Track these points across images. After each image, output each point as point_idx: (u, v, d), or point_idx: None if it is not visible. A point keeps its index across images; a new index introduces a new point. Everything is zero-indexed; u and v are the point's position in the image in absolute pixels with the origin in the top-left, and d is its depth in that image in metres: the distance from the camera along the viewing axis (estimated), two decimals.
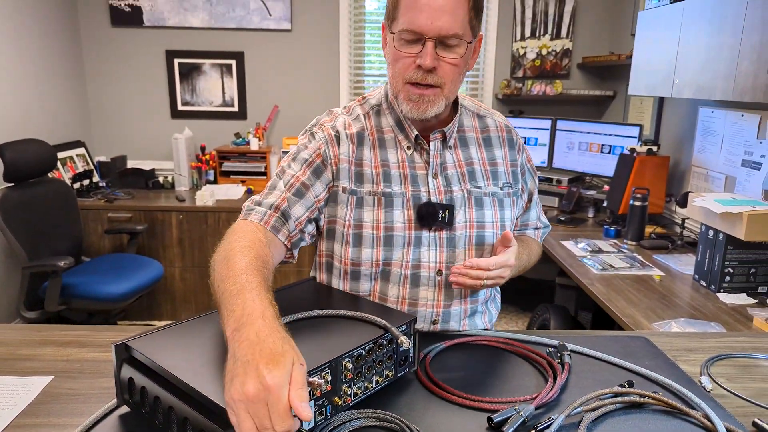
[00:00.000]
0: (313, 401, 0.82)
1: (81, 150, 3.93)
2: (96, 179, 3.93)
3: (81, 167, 3.86)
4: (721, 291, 2.14)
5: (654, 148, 3.07)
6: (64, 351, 1.13)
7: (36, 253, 2.91)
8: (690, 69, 2.45)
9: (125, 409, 0.91)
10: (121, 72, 4.13)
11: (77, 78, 4.03)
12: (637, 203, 2.80)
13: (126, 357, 0.89)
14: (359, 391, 0.91)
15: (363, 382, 0.91)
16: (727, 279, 2.13)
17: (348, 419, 0.87)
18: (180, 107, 4.19)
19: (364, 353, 0.90)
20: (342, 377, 0.87)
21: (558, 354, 1.10)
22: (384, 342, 0.94)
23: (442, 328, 1.27)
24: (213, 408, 0.73)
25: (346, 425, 0.86)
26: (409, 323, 0.99)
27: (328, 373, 0.84)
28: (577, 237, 2.92)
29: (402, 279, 1.24)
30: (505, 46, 4.13)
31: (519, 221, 1.43)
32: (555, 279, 3.56)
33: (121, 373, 0.88)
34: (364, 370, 0.90)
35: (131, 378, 0.86)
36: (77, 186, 3.70)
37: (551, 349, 1.13)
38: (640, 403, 0.95)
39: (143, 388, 0.84)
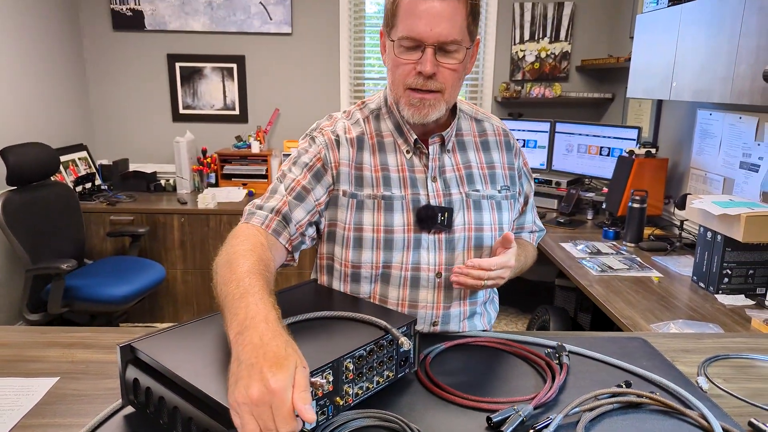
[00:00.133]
0: (315, 401, 0.83)
1: (83, 153, 3.95)
2: (98, 182, 3.95)
3: (83, 170, 3.87)
4: (720, 292, 2.15)
5: (653, 150, 3.09)
6: (69, 353, 1.14)
7: (39, 256, 2.92)
8: (688, 72, 2.47)
9: (130, 410, 0.93)
10: (123, 76, 4.15)
11: (79, 81, 4.05)
12: (636, 205, 2.81)
13: (131, 358, 0.90)
14: (360, 392, 0.92)
15: (364, 382, 0.92)
16: (726, 280, 2.14)
17: (349, 419, 0.89)
18: (181, 110, 4.21)
19: (365, 354, 0.91)
20: (343, 377, 0.88)
21: (556, 355, 1.11)
22: (385, 343, 0.95)
23: (442, 329, 1.28)
24: (217, 408, 0.74)
25: (347, 425, 0.88)
26: (410, 324, 1.00)
27: (329, 374, 0.85)
28: (576, 239, 2.93)
29: (402, 281, 1.25)
30: (505, 49, 4.15)
31: (515, 224, 1.44)
32: (554, 281, 3.58)
33: (127, 374, 0.90)
34: (365, 370, 0.92)
35: (136, 379, 0.88)
36: (79, 189, 3.72)
37: (550, 350, 1.14)
38: (637, 403, 0.96)
39: (148, 388, 0.86)
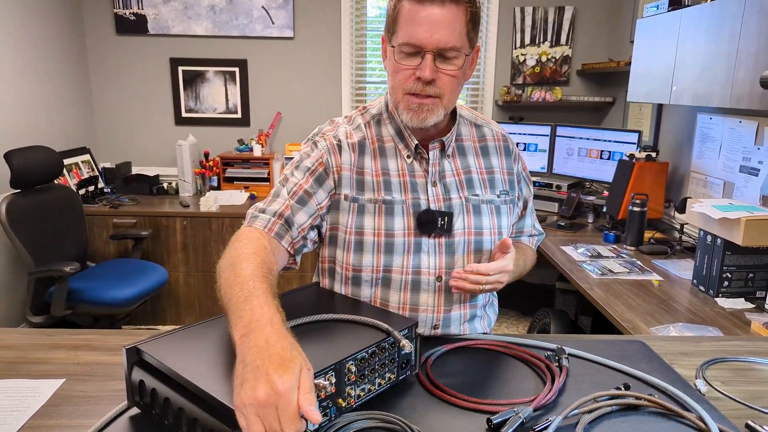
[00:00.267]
0: (318, 403, 0.84)
1: (86, 156, 3.97)
2: (101, 185, 3.97)
3: (86, 173, 3.89)
4: (720, 296, 2.16)
5: (653, 154, 3.09)
6: (74, 355, 1.16)
7: (42, 259, 2.94)
8: (688, 76, 2.48)
9: (136, 411, 0.94)
10: (126, 79, 4.17)
11: (83, 85, 4.08)
12: (636, 209, 2.82)
13: (137, 360, 0.91)
14: (362, 393, 0.93)
15: (366, 384, 0.94)
16: (726, 284, 2.15)
17: (352, 420, 0.90)
18: (184, 114, 4.23)
19: (367, 356, 0.93)
20: (346, 379, 0.89)
21: (556, 357, 1.12)
22: (386, 345, 0.96)
23: (442, 332, 1.30)
24: (222, 409, 0.75)
25: (349, 426, 0.89)
26: (411, 327, 1.02)
27: (332, 376, 0.86)
28: (577, 242, 2.94)
29: (403, 285, 1.26)
30: (505, 53, 4.17)
31: (514, 228, 1.46)
32: (555, 284, 3.59)
33: (132, 376, 0.91)
34: (367, 372, 0.93)
35: (142, 380, 0.89)
36: (83, 192, 3.74)
37: (549, 353, 1.15)
38: (635, 406, 0.97)
39: (154, 390, 0.87)
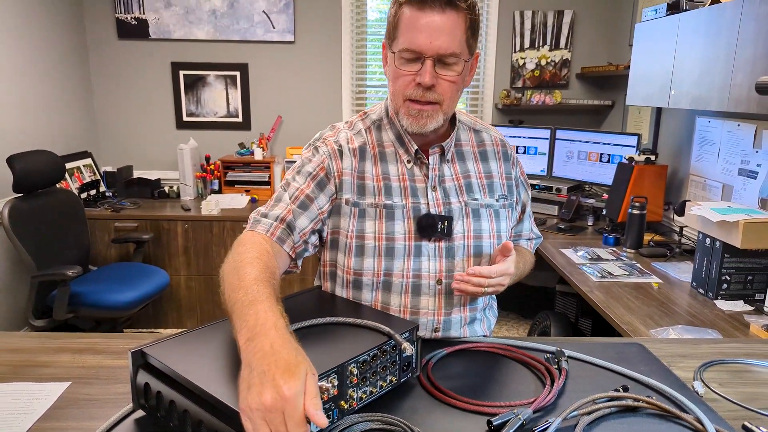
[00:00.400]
0: (321, 405, 0.86)
1: (88, 160, 3.98)
2: (102, 189, 3.98)
3: (88, 177, 3.91)
4: (719, 298, 2.17)
5: (652, 157, 3.11)
6: (79, 358, 1.17)
7: (44, 263, 2.95)
8: (686, 80, 2.49)
9: (141, 413, 0.95)
10: (128, 83, 4.19)
11: (84, 89, 4.10)
12: (636, 211, 2.84)
13: (142, 363, 0.93)
14: (364, 396, 0.94)
15: (368, 386, 0.95)
16: (725, 286, 2.16)
17: (354, 422, 0.91)
18: (185, 118, 4.25)
19: (369, 359, 0.94)
20: (348, 382, 0.91)
21: (555, 360, 1.13)
22: (388, 348, 0.98)
23: (443, 335, 1.31)
24: (227, 411, 0.77)
25: (352, 428, 0.90)
26: (412, 330, 1.03)
27: (334, 378, 0.88)
28: (577, 245, 2.96)
29: (403, 288, 1.28)
30: (505, 56, 4.19)
31: (513, 232, 1.47)
32: (555, 286, 3.60)
33: (138, 379, 0.92)
34: (369, 375, 0.94)
35: (147, 383, 0.90)
36: (84, 196, 3.75)
37: (549, 355, 1.16)
38: (634, 407, 0.98)
39: (159, 392, 0.88)
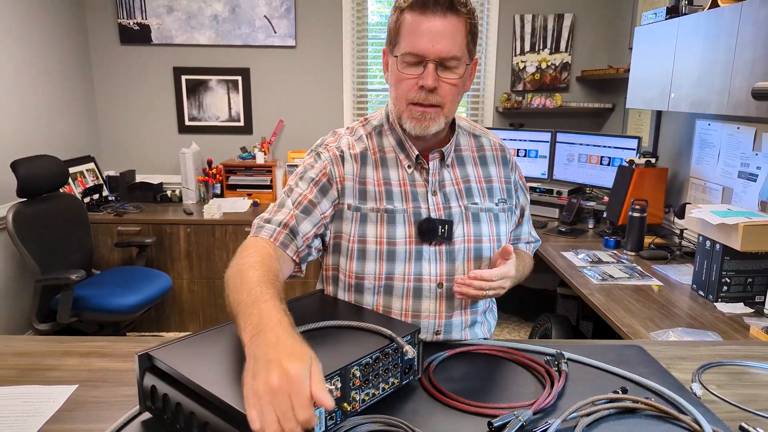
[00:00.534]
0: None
1: (91, 165, 4.01)
2: (105, 193, 4.00)
3: (91, 182, 3.93)
4: (719, 300, 2.18)
5: (652, 159, 3.12)
6: (86, 361, 1.19)
7: (48, 267, 2.97)
8: (686, 83, 2.51)
9: (147, 416, 0.97)
10: (130, 88, 4.22)
11: (87, 94, 4.12)
12: (636, 214, 2.85)
13: (148, 366, 0.94)
14: (367, 398, 0.96)
15: (370, 388, 0.96)
16: (725, 289, 2.17)
17: (357, 424, 0.92)
18: (187, 122, 4.27)
19: (371, 362, 0.95)
20: (351, 384, 0.92)
21: (555, 362, 1.15)
22: (390, 351, 0.99)
23: (444, 338, 1.32)
24: (232, 413, 0.78)
25: (355, 429, 0.92)
26: (413, 333, 1.04)
27: (338, 381, 0.89)
28: (578, 248, 2.97)
29: (405, 292, 1.29)
30: (505, 60, 4.20)
31: (512, 235, 1.49)
32: (556, 289, 3.61)
33: (144, 382, 0.94)
34: (371, 377, 0.96)
35: (154, 386, 0.92)
36: (87, 200, 3.77)
37: (549, 358, 1.17)
38: (633, 409, 1.00)
39: (165, 395, 0.90)
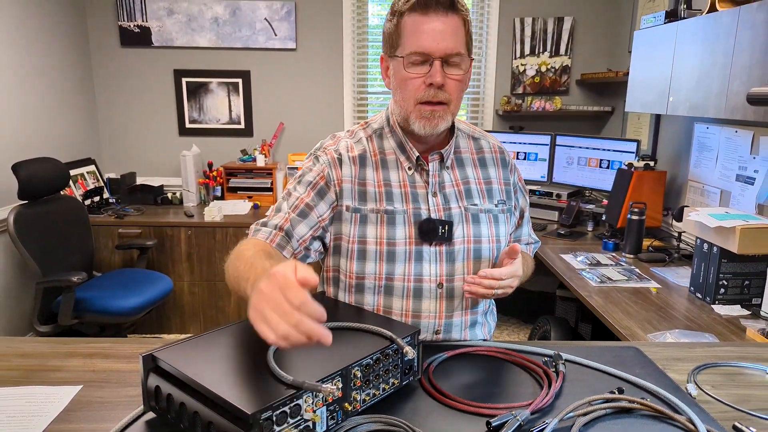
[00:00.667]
0: (326, 407, 0.89)
1: (91, 167, 4.03)
2: (106, 196, 4.02)
3: (92, 184, 3.95)
4: (716, 303, 2.19)
5: (651, 163, 3.14)
6: (90, 362, 1.20)
7: (49, 269, 2.99)
8: (684, 87, 2.52)
9: (151, 415, 0.98)
10: (130, 91, 4.24)
11: (87, 96, 4.14)
12: (635, 217, 2.87)
13: (152, 367, 0.96)
14: (368, 398, 0.98)
15: (371, 389, 0.98)
16: (722, 291, 2.19)
17: (358, 423, 0.94)
18: (188, 125, 4.29)
19: (372, 362, 0.97)
20: (352, 384, 0.94)
21: (553, 363, 1.16)
22: (390, 352, 1.01)
23: (444, 337, 1.34)
24: (236, 412, 0.80)
25: (356, 429, 0.93)
26: (413, 334, 1.06)
27: (339, 381, 0.91)
28: (577, 250, 2.99)
29: (405, 292, 1.31)
30: (505, 63, 4.23)
31: (512, 237, 1.51)
32: (555, 291, 3.63)
33: (148, 382, 0.95)
34: (372, 378, 0.97)
35: (158, 386, 0.93)
36: (88, 202, 3.79)
37: (547, 359, 1.19)
38: (629, 409, 1.01)
39: (169, 395, 0.91)
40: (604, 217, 3.26)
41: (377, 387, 0.99)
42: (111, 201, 4.01)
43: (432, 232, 1.29)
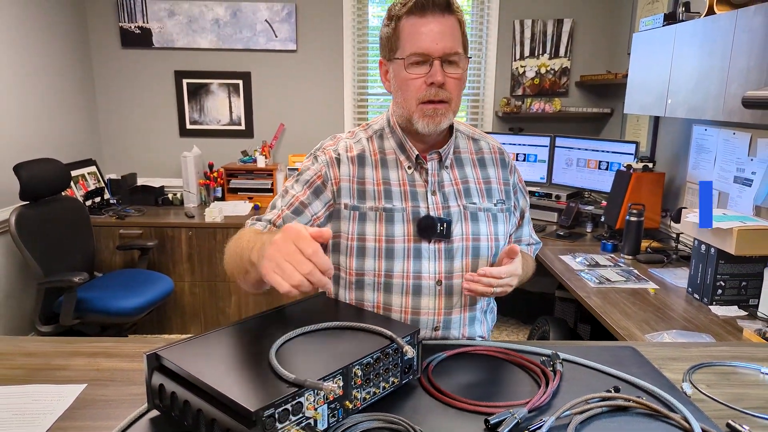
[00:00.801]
0: (327, 405, 0.91)
1: (92, 168, 4.04)
2: (107, 196, 4.03)
3: (93, 185, 3.96)
4: (714, 303, 2.21)
5: (650, 164, 3.16)
6: (94, 361, 1.22)
7: (51, 269, 3.00)
8: (682, 89, 2.54)
9: (155, 413, 1.00)
10: (131, 92, 4.25)
11: (89, 98, 4.16)
12: (634, 218, 2.88)
13: (156, 365, 0.97)
14: (368, 396, 0.99)
15: (371, 387, 1.00)
16: (719, 292, 2.21)
17: (358, 421, 0.96)
18: (188, 126, 4.31)
19: (372, 361, 0.99)
20: (353, 383, 0.95)
21: (551, 362, 1.18)
22: (390, 351, 1.02)
23: (443, 334, 1.37)
24: (239, 409, 0.81)
25: (356, 426, 0.95)
26: (413, 334, 1.07)
27: (340, 379, 0.92)
28: (575, 251, 3.00)
29: (404, 289, 1.34)
30: (505, 65, 4.24)
31: (513, 237, 1.53)
32: (554, 292, 3.64)
33: (152, 380, 0.97)
34: (372, 376, 0.99)
35: (162, 384, 0.95)
36: (89, 203, 3.81)
37: (545, 358, 1.20)
38: (624, 407, 1.03)
39: (173, 393, 0.93)
40: (602, 219, 3.27)
41: (377, 385, 1.01)
42: (112, 202, 4.02)
43: (430, 228, 1.32)
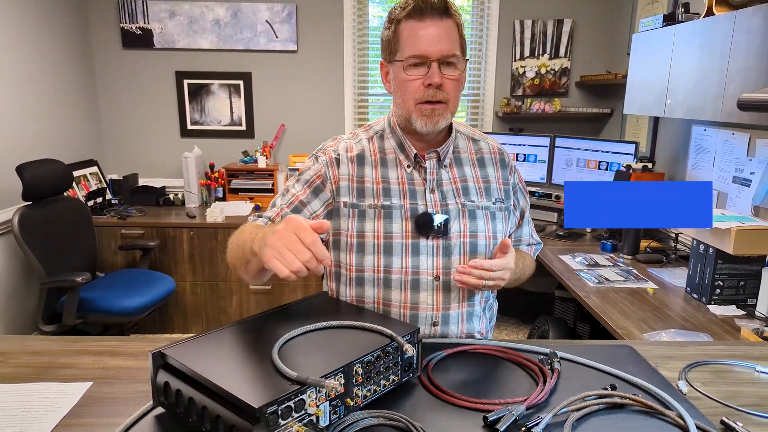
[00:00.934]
0: (329, 402, 0.92)
1: (94, 168, 4.06)
2: (109, 197, 4.05)
3: (94, 185, 3.98)
4: (712, 303, 2.23)
5: (649, 164, 3.17)
6: (99, 360, 1.24)
7: (53, 269, 3.02)
8: (681, 90, 2.55)
9: (160, 410, 1.02)
10: (132, 92, 4.27)
11: (90, 99, 4.18)
12: None
13: (161, 363, 0.99)
14: (369, 394, 1.01)
15: (372, 385, 1.01)
16: (717, 292, 2.22)
17: (359, 418, 0.97)
18: (189, 126, 4.33)
19: (373, 359, 1.00)
20: (354, 381, 0.97)
21: (549, 361, 1.19)
22: (390, 350, 1.04)
23: (442, 329, 1.39)
24: (243, 406, 0.83)
25: (357, 423, 0.97)
26: (413, 333, 1.09)
27: (341, 377, 0.94)
28: (575, 251, 3.02)
29: (403, 285, 1.36)
30: (505, 65, 4.26)
31: (513, 237, 1.55)
32: (554, 292, 3.66)
33: (158, 378, 0.99)
34: (373, 374, 1.01)
35: (167, 382, 0.97)
36: (91, 203, 3.82)
37: (543, 357, 1.22)
38: (621, 404, 1.04)
39: (178, 390, 0.95)
40: None
41: (378, 383, 1.03)
42: (113, 202, 4.04)
43: (428, 224, 1.34)
